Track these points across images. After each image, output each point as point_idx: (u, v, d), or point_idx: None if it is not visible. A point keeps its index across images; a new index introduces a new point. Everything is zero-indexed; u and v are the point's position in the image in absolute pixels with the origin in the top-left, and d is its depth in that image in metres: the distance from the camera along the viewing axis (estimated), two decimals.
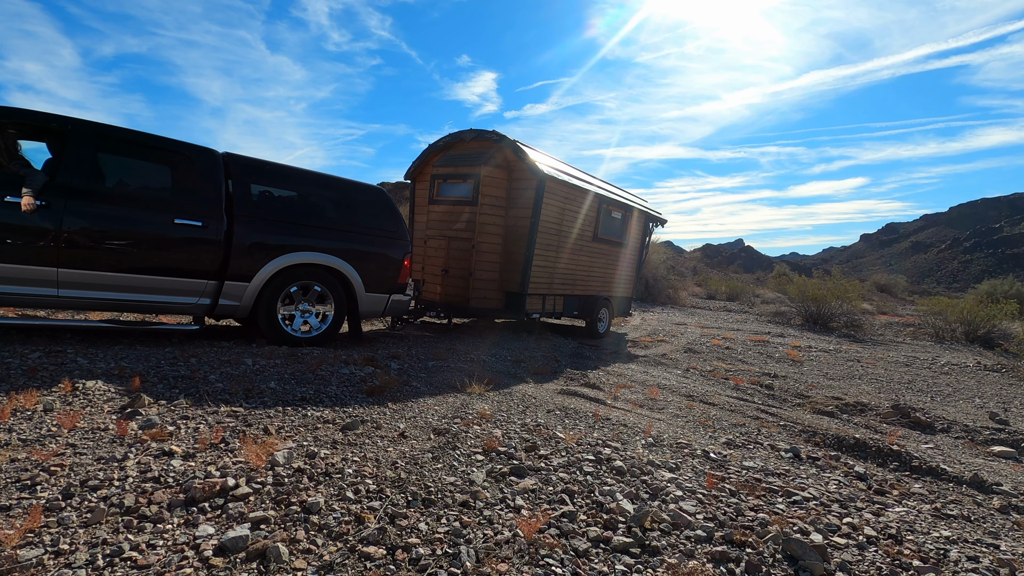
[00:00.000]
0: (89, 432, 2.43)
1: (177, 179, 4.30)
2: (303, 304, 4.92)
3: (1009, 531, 2.73)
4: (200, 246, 4.26)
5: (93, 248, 3.84)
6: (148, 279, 4.09)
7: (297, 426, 2.82)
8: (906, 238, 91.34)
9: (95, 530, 1.72)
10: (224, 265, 4.40)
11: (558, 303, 8.02)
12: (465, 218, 7.07)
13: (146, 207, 4.10)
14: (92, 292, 3.90)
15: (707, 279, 23.84)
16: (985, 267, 62.19)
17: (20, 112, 3.78)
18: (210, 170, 4.40)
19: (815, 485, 2.90)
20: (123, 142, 4.10)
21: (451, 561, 1.76)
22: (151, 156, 4.24)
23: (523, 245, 7.08)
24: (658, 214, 10.40)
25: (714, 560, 1.96)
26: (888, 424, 5.12)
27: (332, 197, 5.19)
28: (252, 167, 4.71)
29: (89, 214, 3.82)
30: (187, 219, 4.19)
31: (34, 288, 3.69)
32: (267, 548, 1.70)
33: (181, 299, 4.29)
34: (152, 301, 4.18)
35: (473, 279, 6.99)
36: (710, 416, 4.48)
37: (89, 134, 3.92)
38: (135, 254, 4.02)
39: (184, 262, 4.23)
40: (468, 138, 7.40)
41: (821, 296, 13.40)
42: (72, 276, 3.78)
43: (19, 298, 3.70)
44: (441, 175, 7.39)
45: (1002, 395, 6.84)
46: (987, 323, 12.01)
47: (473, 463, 2.58)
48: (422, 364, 4.88)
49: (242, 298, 4.53)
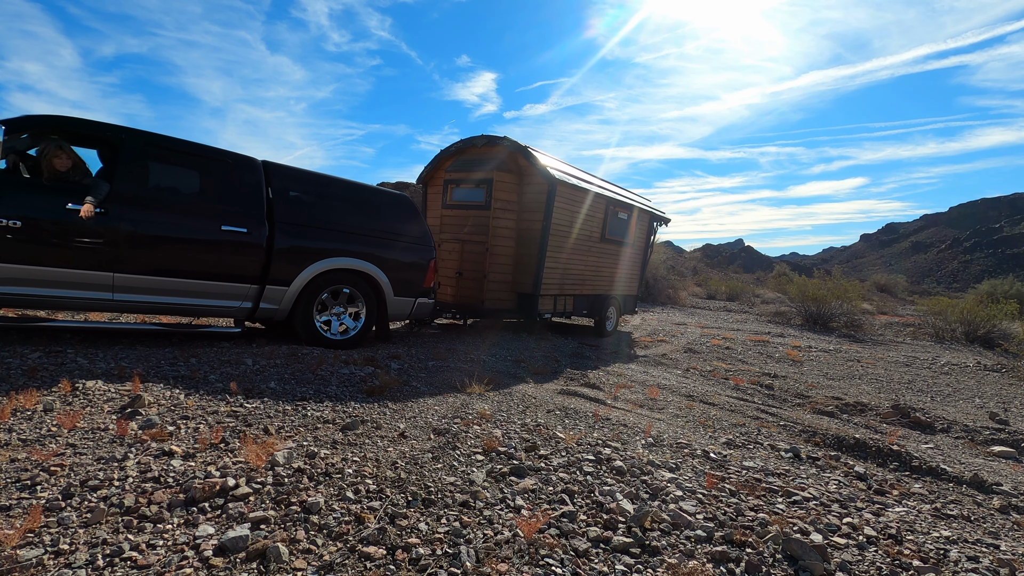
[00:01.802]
0: (89, 432, 2.43)
1: (222, 187, 4.43)
2: (336, 307, 5.09)
3: (1009, 531, 2.73)
4: (244, 252, 4.42)
5: (146, 253, 3.98)
6: (197, 283, 4.24)
7: (297, 426, 2.82)
8: (906, 238, 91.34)
9: (95, 530, 1.72)
10: (265, 270, 4.55)
11: (568, 303, 8.19)
12: (478, 222, 7.26)
13: (195, 214, 4.24)
14: (144, 296, 4.03)
15: (707, 279, 23.84)
16: (985, 267, 62.19)
17: (78, 122, 3.88)
18: (252, 178, 4.56)
19: (815, 485, 2.90)
20: (171, 151, 4.22)
21: (451, 561, 1.76)
22: (197, 164, 4.37)
23: (535, 247, 7.27)
24: (662, 214, 10.57)
25: (714, 560, 1.96)
26: (888, 424, 5.12)
27: (361, 204, 5.33)
28: (288, 175, 4.86)
29: (143, 221, 3.95)
30: (233, 226, 4.35)
31: (91, 292, 3.80)
32: (267, 548, 1.70)
33: (226, 303, 4.45)
34: (200, 305, 4.33)
35: (487, 281, 7.20)
36: (710, 416, 4.48)
37: (141, 143, 4.05)
38: (185, 259, 4.17)
39: (230, 267, 4.38)
40: (480, 143, 7.57)
41: (821, 296, 13.40)
42: (127, 281, 3.91)
43: (77, 302, 3.80)
44: (454, 180, 7.55)
45: (1002, 395, 6.84)
46: (987, 323, 12.01)
47: (473, 463, 2.58)
48: (422, 364, 4.88)
49: (281, 301, 4.69)
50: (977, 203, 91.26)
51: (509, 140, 7.31)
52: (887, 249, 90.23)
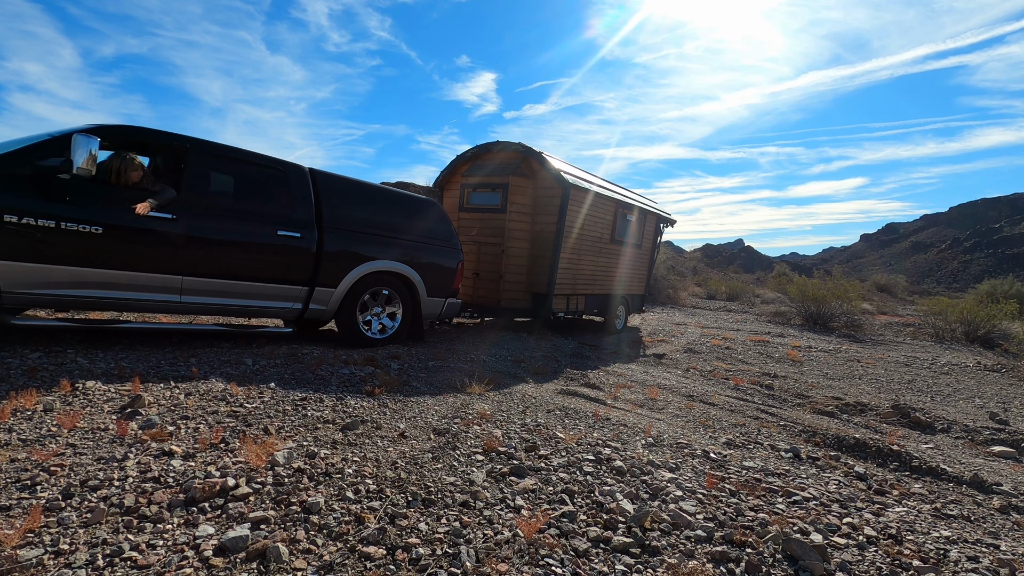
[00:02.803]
0: (89, 432, 2.43)
1: (277, 193, 4.62)
2: (375, 308, 5.37)
3: (1009, 531, 2.73)
4: (298, 255, 4.62)
5: (211, 257, 4.16)
6: (256, 285, 4.44)
7: (297, 426, 2.82)
8: (906, 238, 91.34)
9: (95, 530, 1.72)
10: (315, 273, 4.75)
11: (580, 302, 8.53)
12: (494, 224, 7.59)
13: (254, 219, 4.41)
14: (208, 298, 4.22)
15: (707, 279, 23.84)
16: (985, 267, 62.18)
17: (147, 131, 4.05)
18: (302, 184, 4.76)
19: (815, 485, 2.90)
20: (229, 159, 4.39)
21: (451, 561, 1.76)
22: (253, 171, 4.54)
23: (549, 249, 7.61)
24: (668, 215, 10.91)
25: (714, 560, 1.95)
26: (888, 424, 5.12)
27: (397, 209, 5.57)
28: (332, 181, 5.06)
29: (208, 226, 4.13)
30: (288, 230, 4.55)
31: (162, 295, 3.98)
32: (267, 548, 1.70)
33: (281, 304, 4.67)
34: (257, 306, 4.54)
35: (503, 281, 7.54)
36: (710, 416, 4.48)
37: (203, 152, 4.22)
38: (246, 262, 4.37)
39: (285, 270, 4.59)
40: (495, 149, 7.92)
41: (821, 296, 13.39)
42: (193, 283, 4.09)
43: (149, 304, 3.97)
44: (471, 184, 7.90)
45: (1002, 395, 6.84)
46: (987, 323, 12.01)
47: (473, 463, 2.58)
48: (422, 364, 4.88)
49: (328, 302, 4.91)
50: (977, 203, 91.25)
51: (524, 146, 7.62)
52: (887, 249, 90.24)
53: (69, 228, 3.46)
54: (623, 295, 9.73)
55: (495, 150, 7.94)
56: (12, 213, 3.26)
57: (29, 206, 3.33)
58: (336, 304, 4.97)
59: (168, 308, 4.08)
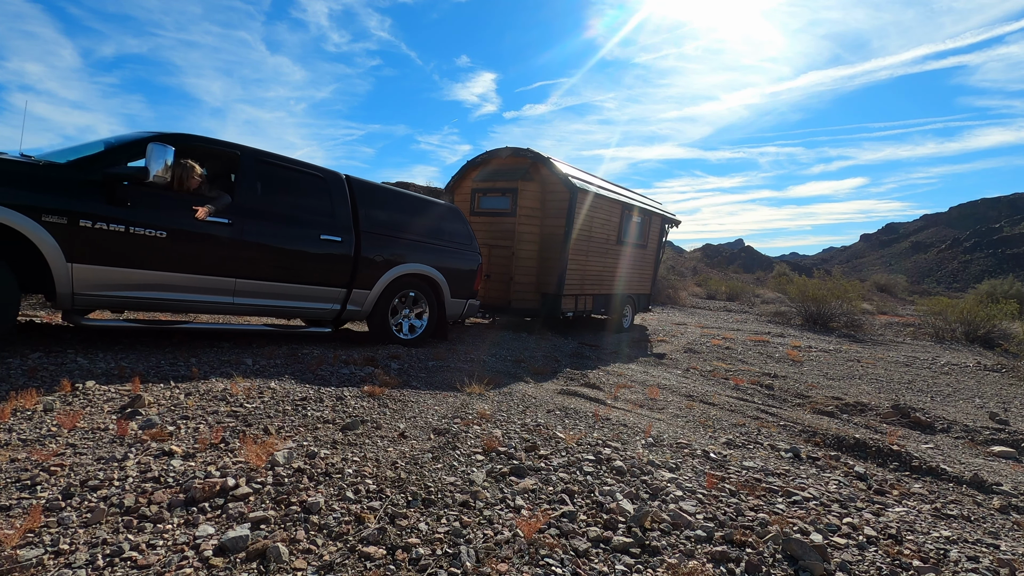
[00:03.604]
0: (89, 432, 2.43)
1: (318, 199, 4.82)
2: (404, 309, 5.65)
3: (1009, 531, 2.73)
4: (338, 258, 4.84)
5: (262, 260, 4.36)
6: (300, 288, 4.64)
7: (297, 426, 2.82)
8: (906, 238, 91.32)
9: (95, 530, 1.72)
10: (353, 275, 4.97)
11: (588, 302, 8.81)
12: (504, 228, 7.91)
13: (299, 225, 4.61)
14: (258, 299, 4.42)
15: (707, 279, 23.84)
16: (985, 267, 62.16)
17: (202, 139, 4.21)
18: (341, 191, 4.98)
19: (815, 485, 2.90)
20: (275, 166, 4.58)
21: (451, 561, 1.76)
22: (296, 178, 4.73)
23: (558, 251, 7.91)
24: (672, 216, 11.18)
25: (714, 560, 1.95)
26: (888, 424, 5.12)
27: (423, 214, 5.85)
28: (365, 187, 5.29)
29: (259, 231, 4.31)
30: (330, 235, 4.77)
31: (216, 296, 4.17)
32: (267, 548, 1.70)
33: (322, 305, 4.88)
34: (300, 307, 4.76)
35: (513, 283, 7.87)
36: (710, 416, 4.48)
37: (253, 159, 4.41)
38: (292, 266, 4.57)
39: (327, 273, 4.80)
40: (504, 155, 8.25)
41: (821, 296, 13.39)
42: (245, 286, 4.29)
43: (204, 305, 4.16)
44: (481, 189, 8.22)
45: (1002, 395, 6.84)
46: (987, 323, 12.00)
47: (473, 463, 2.58)
48: (422, 364, 4.88)
49: (364, 304, 5.16)
50: (977, 203, 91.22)
51: (532, 152, 7.95)
52: (887, 249, 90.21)
53: (136, 232, 3.64)
54: (629, 294, 10.02)
55: (504, 155, 8.23)
56: (88, 218, 3.42)
57: (102, 212, 3.49)
58: (371, 305, 5.21)
59: (220, 309, 4.26)
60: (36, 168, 3.35)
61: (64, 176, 3.42)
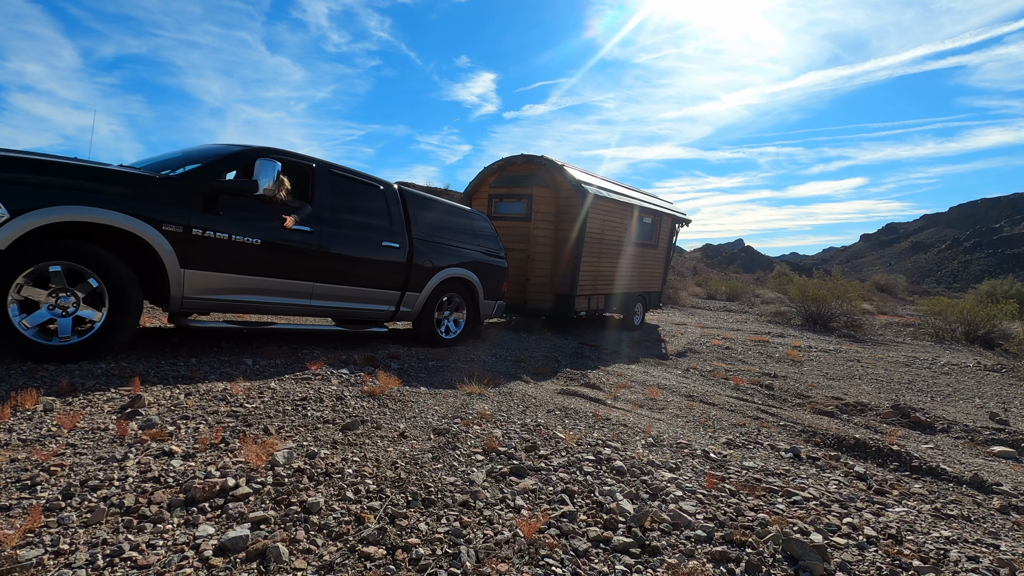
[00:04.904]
0: (89, 432, 2.43)
1: (378, 208, 5.15)
2: (445, 311, 6.00)
3: (1009, 531, 2.73)
4: (396, 263, 5.20)
5: (335, 265, 4.66)
6: (365, 291, 4.98)
7: (297, 426, 2.82)
8: (906, 238, 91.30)
9: (95, 530, 1.72)
10: (407, 278, 5.31)
11: (600, 301, 9.15)
12: (520, 231, 8.24)
13: (365, 231, 4.94)
14: (330, 302, 4.74)
15: (707, 279, 23.83)
16: (985, 267, 62.15)
17: (284, 152, 4.47)
18: (396, 200, 5.32)
19: (815, 485, 2.90)
20: (342, 177, 4.90)
21: (451, 561, 1.76)
22: (360, 188, 5.05)
23: (571, 253, 8.26)
24: (683, 215, 11.47)
25: (714, 560, 1.95)
26: (888, 424, 5.12)
27: (461, 220, 6.22)
28: (414, 196, 5.63)
29: (334, 238, 4.63)
30: (390, 241, 5.13)
31: (297, 299, 4.48)
32: (267, 548, 1.70)
33: (380, 307, 5.22)
34: (364, 308, 5.09)
35: (529, 284, 8.23)
36: (710, 416, 4.48)
37: (326, 171, 4.74)
38: (360, 270, 4.90)
39: (386, 276, 5.15)
40: (520, 161, 8.62)
41: (821, 296, 13.39)
42: (321, 289, 4.60)
43: (286, 307, 4.46)
44: (498, 194, 8.61)
45: (1002, 395, 6.84)
46: (987, 323, 12.00)
47: (473, 463, 2.58)
48: (422, 364, 4.88)
49: (414, 305, 5.51)
50: (977, 203, 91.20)
51: (546, 159, 8.30)
52: (887, 249, 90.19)
53: (236, 240, 3.95)
54: (640, 293, 10.36)
55: (520, 162, 8.62)
56: (199, 227, 3.72)
57: (211, 221, 3.80)
58: (420, 307, 5.57)
59: (298, 311, 4.57)
60: (155, 181, 3.62)
61: (177, 188, 3.70)
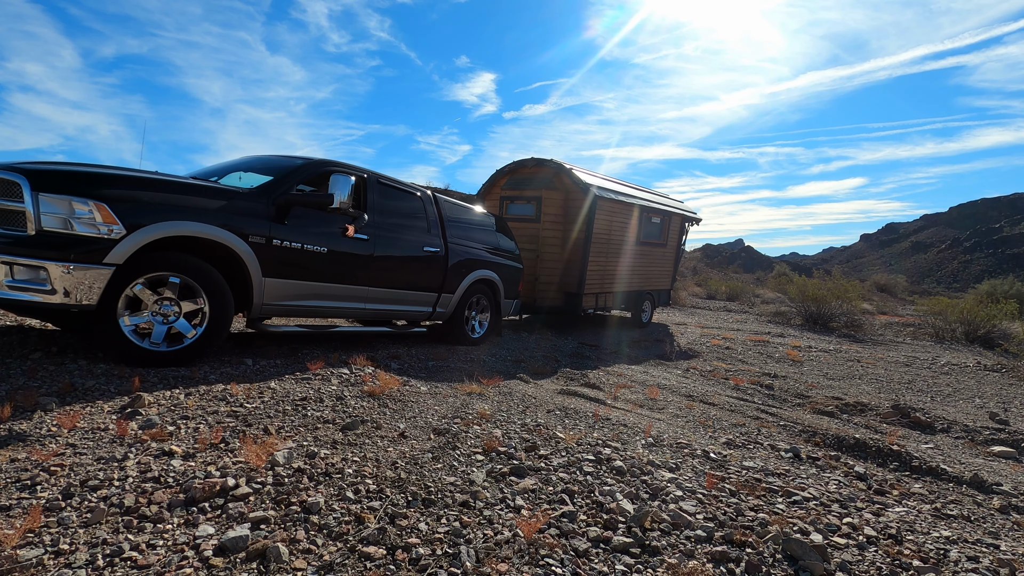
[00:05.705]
0: (89, 432, 2.43)
1: (418, 215, 5.41)
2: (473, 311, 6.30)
3: (1009, 531, 2.73)
4: (435, 267, 5.48)
5: (388, 270, 4.94)
6: (410, 293, 5.27)
7: (297, 426, 2.82)
8: (906, 238, 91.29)
9: (95, 530, 1.72)
10: (443, 281, 5.59)
11: (609, 299, 9.46)
12: (530, 232, 8.51)
13: (411, 237, 5.21)
14: (381, 304, 5.00)
15: (707, 279, 23.84)
16: (985, 267, 62.15)
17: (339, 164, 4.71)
18: (431, 207, 5.60)
19: (815, 485, 2.90)
20: (389, 187, 5.15)
21: (451, 561, 1.76)
22: (403, 196, 5.30)
23: (579, 253, 8.52)
24: (693, 214, 11.64)
25: (714, 560, 1.95)
26: (888, 424, 5.12)
27: (484, 225, 6.51)
28: (447, 203, 5.91)
29: (387, 244, 4.91)
30: (431, 247, 5.41)
31: (355, 303, 4.74)
32: (267, 548, 1.70)
33: (421, 308, 5.49)
34: (408, 310, 5.36)
35: (539, 283, 8.50)
36: (710, 416, 4.48)
37: (375, 181, 4.99)
38: (407, 274, 5.20)
39: (428, 279, 5.43)
40: (530, 165, 8.91)
41: (821, 296, 13.39)
42: (375, 293, 4.87)
43: (345, 311, 4.72)
44: (509, 197, 8.94)
45: (1002, 395, 6.84)
46: (987, 323, 12.01)
47: (473, 463, 2.58)
48: (422, 364, 4.88)
49: (448, 306, 5.79)
50: (977, 203, 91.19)
51: (555, 162, 8.59)
52: (887, 249, 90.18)
53: (308, 249, 4.17)
54: (648, 291, 10.58)
55: (530, 165, 8.91)
56: (278, 238, 3.95)
57: (288, 232, 4.01)
58: (453, 308, 5.84)
59: (354, 314, 4.83)
60: (239, 194, 3.84)
61: (256, 201, 3.90)
